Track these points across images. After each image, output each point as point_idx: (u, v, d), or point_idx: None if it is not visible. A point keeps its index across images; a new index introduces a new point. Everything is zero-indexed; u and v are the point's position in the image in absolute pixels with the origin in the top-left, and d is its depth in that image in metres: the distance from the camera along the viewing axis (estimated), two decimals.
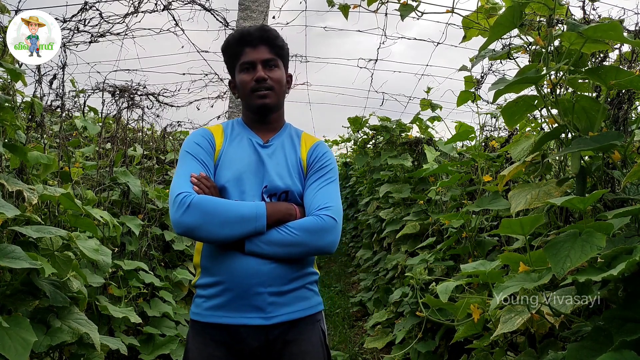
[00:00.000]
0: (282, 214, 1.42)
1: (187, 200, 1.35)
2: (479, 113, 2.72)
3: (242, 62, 1.55)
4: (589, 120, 1.44)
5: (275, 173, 1.51)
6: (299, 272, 1.47)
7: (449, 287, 1.70)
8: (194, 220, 1.34)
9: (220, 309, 1.42)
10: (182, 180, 1.43)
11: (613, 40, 1.32)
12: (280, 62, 1.58)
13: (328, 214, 1.43)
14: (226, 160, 1.53)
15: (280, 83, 1.57)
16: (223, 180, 1.49)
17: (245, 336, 1.41)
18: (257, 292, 1.40)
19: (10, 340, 1.41)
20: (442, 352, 2.72)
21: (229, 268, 1.41)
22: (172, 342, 2.93)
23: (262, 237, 1.39)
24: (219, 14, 3.50)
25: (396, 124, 4.61)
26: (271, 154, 1.55)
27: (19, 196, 1.95)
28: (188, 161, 1.49)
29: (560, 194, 1.42)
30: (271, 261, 1.41)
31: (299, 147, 1.60)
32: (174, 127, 4.74)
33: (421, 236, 3.60)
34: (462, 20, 1.82)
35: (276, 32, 1.58)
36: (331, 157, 1.59)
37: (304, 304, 1.48)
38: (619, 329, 1.03)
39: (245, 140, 1.57)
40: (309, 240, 1.40)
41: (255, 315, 1.40)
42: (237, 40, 1.56)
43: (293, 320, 1.44)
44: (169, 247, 3.62)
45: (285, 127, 1.65)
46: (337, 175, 1.57)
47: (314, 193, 1.49)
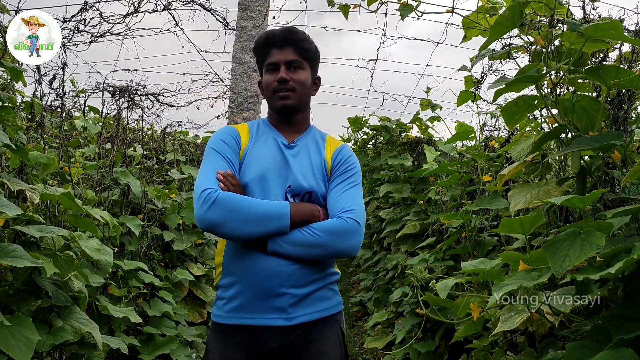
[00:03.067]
0: (305, 215, 1.43)
1: (212, 196, 1.36)
2: (479, 113, 2.72)
3: (268, 62, 1.57)
4: (589, 120, 1.45)
5: (299, 173, 1.52)
6: (321, 273, 1.48)
7: (449, 284, 1.70)
8: (218, 217, 1.35)
9: (241, 310, 1.42)
10: (207, 176, 1.43)
11: (614, 39, 1.33)
12: (305, 64, 1.59)
13: (351, 216, 1.43)
14: (251, 158, 1.53)
15: (303, 85, 1.58)
16: (247, 179, 1.49)
17: (266, 337, 1.41)
18: (279, 293, 1.40)
19: (14, 339, 1.41)
20: (442, 351, 2.73)
21: (250, 268, 1.41)
22: (172, 342, 2.93)
23: (285, 237, 1.39)
24: (219, 14, 3.50)
25: (396, 124, 4.61)
26: (296, 155, 1.56)
27: (20, 196, 1.95)
28: (214, 158, 1.49)
29: (560, 194, 1.42)
30: (293, 262, 1.41)
31: (324, 149, 1.61)
32: (174, 127, 4.75)
33: (421, 236, 3.60)
34: (462, 20, 1.82)
35: (304, 34, 1.59)
36: (355, 161, 1.60)
37: (325, 304, 1.48)
38: (618, 328, 1.04)
39: (270, 140, 1.58)
40: (332, 242, 1.40)
41: (277, 316, 1.40)
42: (264, 42, 1.58)
43: (314, 320, 1.44)
44: (169, 247, 3.62)
45: (310, 129, 1.67)
46: (360, 179, 1.58)
47: (337, 195, 1.49)
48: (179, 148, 4.97)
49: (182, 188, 4.24)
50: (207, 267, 3.80)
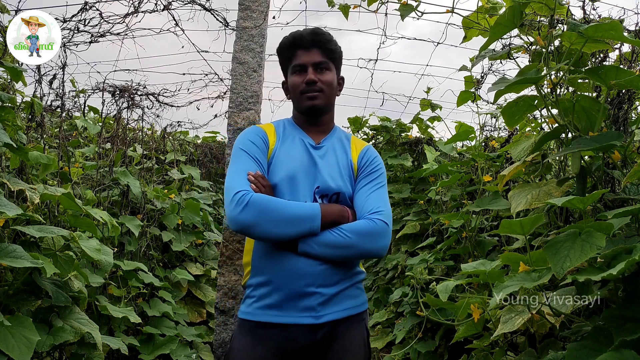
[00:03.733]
0: (335, 216, 1.44)
1: (245, 198, 1.37)
2: (479, 113, 2.72)
3: (294, 64, 1.58)
4: (589, 120, 1.45)
5: (327, 174, 1.53)
6: (348, 273, 1.49)
7: (449, 286, 1.70)
8: (251, 218, 1.36)
9: (272, 308, 1.44)
10: (238, 177, 1.44)
11: (613, 39, 1.32)
12: (331, 65, 1.61)
13: (380, 218, 1.44)
14: (279, 159, 1.54)
15: (330, 86, 1.59)
16: (276, 179, 1.51)
17: (295, 335, 1.42)
18: (308, 292, 1.41)
19: (14, 339, 1.41)
20: (442, 352, 2.73)
21: (280, 268, 1.43)
22: (172, 342, 2.93)
23: (315, 238, 1.41)
24: (219, 14, 3.50)
25: (396, 124, 4.61)
26: (323, 155, 1.57)
27: (20, 196, 1.95)
28: (243, 159, 1.51)
29: (561, 194, 1.42)
30: (321, 262, 1.42)
31: (350, 149, 1.63)
32: (174, 127, 4.74)
33: (421, 236, 3.60)
34: (462, 20, 1.82)
35: (329, 36, 1.61)
36: (381, 162, 1.62)
37: (352, 302, 1.50)
38: (619, 328, 1.03)
39: (297, 141, 1.60)
40: (361, 243, 1.41)
41: (306, 314, 1.42)
42: (290, 43, 1.59)
43: (341, 318, 1.46)
44: (168, 247, 3.62)
45: (335, 130, 1.68)
46: (385, 180, 1.60)
47: (365, 196, 1.51)
48: (179, 148, 4.97)
49: (182, 188, 4.24)
50: (206, 267, 3.80)
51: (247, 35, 3.06)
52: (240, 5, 3.10)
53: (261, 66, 3.09)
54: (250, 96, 3.03)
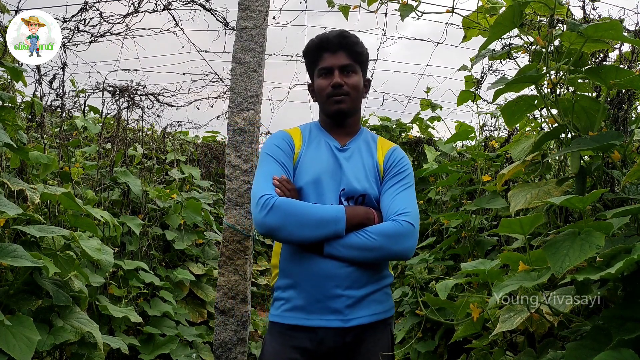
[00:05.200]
0: (361, 218, 1.44)
1: (270, 202, 1.38)
2: (479, 113, 2.72)
3: (321, 67, 1.58)
4: (589, 120, 1.45)
5: (352, 176, 1.53)
6: (376, 276, 1.49)
7: (449, 285, 1.70)
8: (277, 221, 1.37)
9: (300, 310, 1.44)
10: (264, 181, 1.46)
11: (613, 39, 1.32)
12: (358, 67, 1.60)
13: (406, 219, 1.43)
14: (305, 162, 1.55)
15: (356, 89, 1.59)
16: (302, 182, 1.51)
17: (323, 338, 1.43)
18: (335, 295, 1.41)
19: (14, 339, 1.41)
20: (442, 351, 2.73)
21: (306, 270, 1.44)
22: (172, 341, 2.93)
23: (341, 240, 1.40)
24: (219, 14, 3.50)
25: (396, 124, 4.61)
26: (348, 158, 1.57)
27: (20, 196, 1.95)
28: (269, 163, 1.52)
29: (560, 194, 1.42)
30: (348, 264, 1.42)
31: (376, 151, 1.62)
32: (174, 127, 4.75)
33: (421, 236, 3.60)
34: (462, 20, 1.82)
35: (356, 38, 1.60)
36: (408, 163, 1.61)
37: (380, 307, 1.50)
38: (618, 328, 1.04)
39: (323, 144, 1.60)
40: (387, 245, 1.41)
41: (334, 317, 1.42)
42: (316, 46, 1.59)
43: (369, 323, 1.46)
44: (170, 247, 3.62)
45: (362, 132, 1.67)
46: (413, 180, 1.59)
47: (391, 198, 1.50)
48: (179, 148, 4.98)
49: (182, 188, 4.24)
50: (207, 266, 3.80)
51: (247, 35, 3.06)
52: (240, 5, 3.10)
53: (261, 66, 3.09)
54: (250, 96, 3.04)
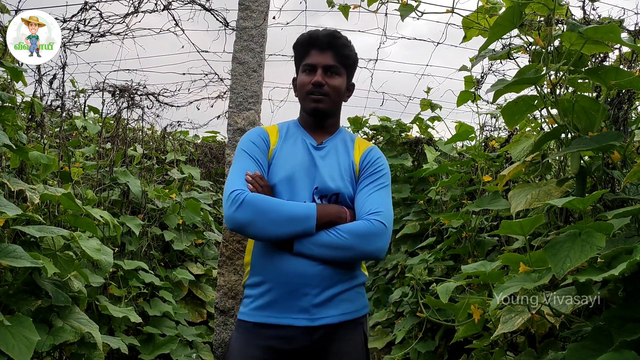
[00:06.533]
0: (332, 217, 1.43)
1: (240, 197, 1.38)
2: (479, 113, 2.72)
3: (306, 63, 1.57)
4: (589, 120, 1.45)
5: (327, 175, 1.52)
6: (347, 275, 1.48)
7: (450, 288, 1.70)
8: (246, 217, 1.37)
9: (267, 308, 1.43)
10: (236, 177, 1.45)
11: (612, 42, 1.32)
12: (343, 70, 1.59)
13: (378, 219, 1.42)
14: (279, 159, 1.54)
15: (337, 91, 1.58)
16: (275, 179, 1.51)
17: (290, 336, 1.41)
18: (304, 293, 1.40)
19: (14, 339, 1.41)
20: (442, 352, 2.73)
21: (277, 268, 1.43)
22: (172, 342, 2.93)
23: (311, 238, 1.40)
24: (219, 14, 3.50)
25: (396, 124, 4.60)
26: (324, 156, 1.57)
27: (20, 196, 1.95)
28: (243, 159, 1.51)
29: (560, 194, 1.42)
30: (319, 263, 1.41)
31: (352, 150, 1.62)
32: (174, 127, 4.74)
33: (421, 236, 3.60)
34: (462, 20, 1.82)
35: (346, 40, 1.59)
36: (384, 163, 1.60)
37: (350, 307, 1.48)
38: (619, 328, 1.03)
39: (299, 141, 1.59)
40: (358, 244, 1.40)
41: (302, 316, 1.41)
42: (305, 41, 1.58)
43: (338, 322, 1.45)
44: (169, 247, 3.62)
45: (340, 131, 1.67)
46: (389, 180, 1.57)
47: (365, 197, 1.49)
48: (179, 148, 4.97)
49: (182, 188, 4.24)
50: (206, 266, 3.80)
51: (247, 35, 3.06)
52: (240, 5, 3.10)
53: (261, 66, 3.09)
54: (250, 96, 3.03)
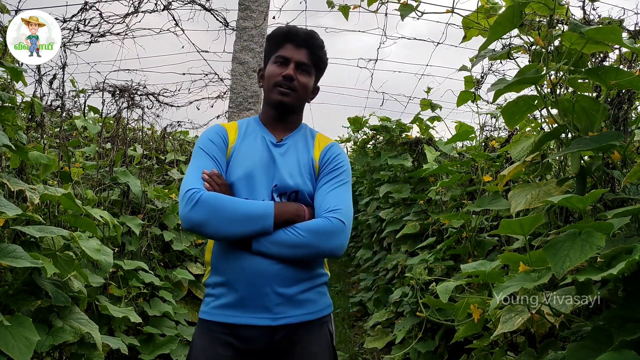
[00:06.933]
0: (290, 215, 1.42)
1: (195, 196, 1.36)
2: (479, 113, 2.72)
3: (279, 54, 1.56)
4: (589, 120, 1.45)
5: (286, 172, 1.51)
6: (308, 274, 1.47)
7: (449, 287, 1.70)
8: (201, 217, 1.35)
9: (228, 308, 1.42)
10: (193, 176, 1.43)
11: (613, 42, 1.33)
12: (313, 70, 1.59)
13: (336, 216, 1.41)
14: (238, 157, 1.52)
15: (305, 89, 1.58)
16: (234, 177, 1.49)
17: (251, 336, 1.40)
18: (265, 293, 1.39)
19: (13, 339, 1.41)
20: (442, 352, 2.73)
21: (237, 267, 1.41)
22: (172, 341, 2.93)
23: (269, 237, 1.38)
24: (219, 14, 3.50)
25: (396, 124, 4.60)
26: (283, 153, 1.55)
27: (20, 196, 1.95)
28: (200, 157, 1.49)
29: (561, 194, 1.42)
30: (279, 261, 1.40)
31: (313, 147, 1.60)
32: (174, 127, 4.75)
33: (421, 236, 3.60)
34: (462, 20, 1.82)
35: (322, 43, 1.60)
36: (345, 159, 1.58)
37: (312, 307, 1.47)
38: (619, 328, 1.03)
39: (258, 139, 1.58)
40: (316, 242, 1.39)
41: (262, 315, 1.39)
42: (283, 34, 1.57)
43: (300, 322, 1.43)
44: (169, 247, 3.62)
45: (301, 128, 1.65)
46: (349, 177, 1.56)
47: (324, 194, 1.48)
48: (179, 148, 4.97)
49: None
50: None
51: (247, 35, 3.06)
52: (240, 5, 3.10)
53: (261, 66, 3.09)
54: (250, 96, 3.04)
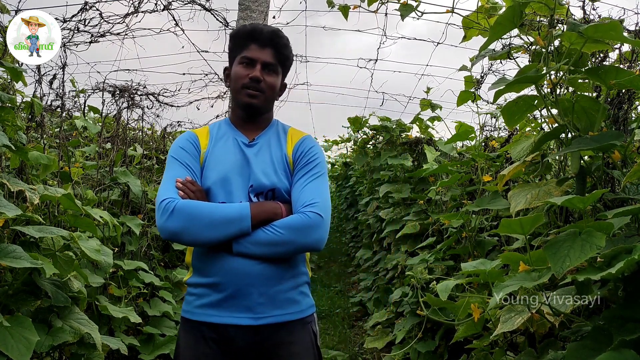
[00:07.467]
0: (267, 214, 1.42)
1: (170, 205, 1.36)
2: (479, 113, 2.72)
3: (244, 55, 1.55)
4: (589, 120, 1.45)
5: (260, 171, 1.50)
6: (290, 273, 1.47)
7: (449, 286, 1.70)
8: (178, 225, 1.35)
9: (211, 307, 1.42)
10: (167, 185, 1.43)
11: (613, 40, 1.32)
12: (280, 69, 1.59)
13: (314, 210, 1.41)
14: (211, 162, 1.52)
15: (273, 89, 1.57)
16: (209, 182, 1.48)
17: (234, 335, 1.41)
18: (247, 293, 1.40)
19: (13, 340, 1.41)
20: (442, 352, 2.73)
21: (219, 268, 1.41)
22: (172, 341, 2.92)
23: (248, 237, 1.39)
24: (219, 14, 3.50)
25: (396, 124, 4.60)
26: (257, 153, 1.54)
27: (19, 196, 1.95)
28: (173, 166, 1.49)
29: (560, 194, 1.42)
30: (260, 261, 1.40)
31: (285, 143, 1.59)
32: (174, 127, 4.75)
33: (421, 236, 3.60)
34: (462, 20, 1.82)
35: (287, 41, 1.59)
36: (318, 151, 1.57)
37: (295, 308, 1.47)
38: (619, 328, 1.03)
39: (230, 141, 1.57)
40: (295, 238, 1.39)
41: (244, 315, 1.40)
42: (247, 33, 1.56)
43: (282, 322, 1.44)
44: (169, 247, 3.63)
45: (272, 125, 1.64)
46: (324, 169, 1.55)
47: (300, 189, 1.48)
48: None
49: None
50: None
51: None
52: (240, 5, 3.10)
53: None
54: None
